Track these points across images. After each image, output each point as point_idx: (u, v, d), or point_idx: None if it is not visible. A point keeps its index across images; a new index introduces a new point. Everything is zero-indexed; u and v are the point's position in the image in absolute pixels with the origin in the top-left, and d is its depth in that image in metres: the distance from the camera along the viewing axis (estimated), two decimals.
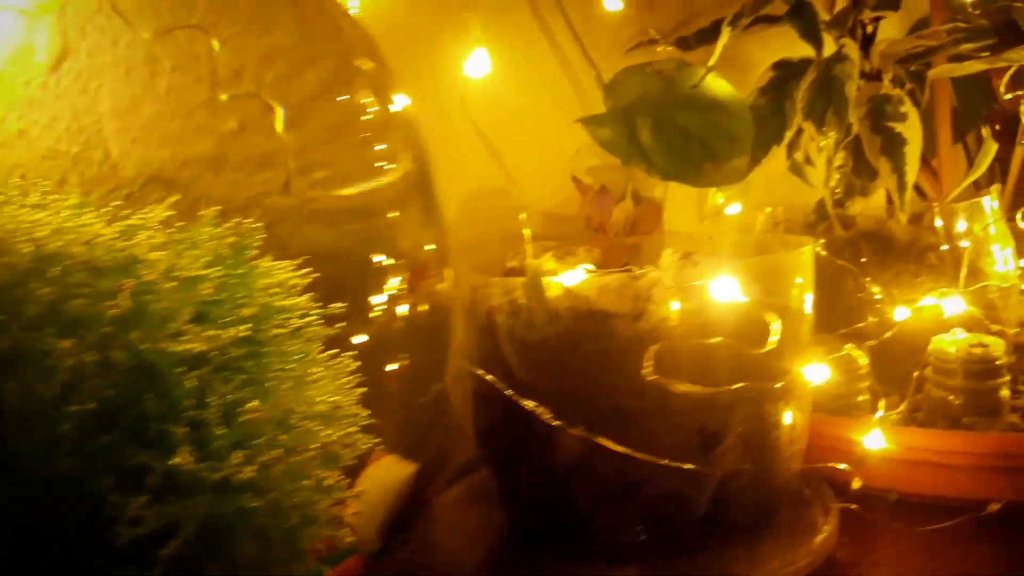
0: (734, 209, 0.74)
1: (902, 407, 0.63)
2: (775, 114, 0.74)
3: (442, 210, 0.55)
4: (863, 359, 0.66)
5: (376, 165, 0.42)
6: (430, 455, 0.46)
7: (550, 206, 0.77)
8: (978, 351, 0.60)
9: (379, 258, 0.43)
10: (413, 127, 0.51)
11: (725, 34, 0.68)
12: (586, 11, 0.77)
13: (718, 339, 0.45)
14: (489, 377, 0.49)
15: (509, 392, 0.48)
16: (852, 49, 0.71)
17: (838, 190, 0.73)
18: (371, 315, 0.41)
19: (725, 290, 0.46)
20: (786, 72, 0.76)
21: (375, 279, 0.42)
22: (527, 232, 0.55)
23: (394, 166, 0.44)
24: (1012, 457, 0.54)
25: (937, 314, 0.65)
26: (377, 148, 0.43)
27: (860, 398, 0.66)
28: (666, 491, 0.49)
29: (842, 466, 0.51)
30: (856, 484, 0.51)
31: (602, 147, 0.65)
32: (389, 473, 0.42)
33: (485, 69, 0.52)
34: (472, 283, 0.52)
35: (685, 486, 0.49)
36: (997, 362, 0.61)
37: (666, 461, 0.47)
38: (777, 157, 0.79)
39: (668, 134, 0.66)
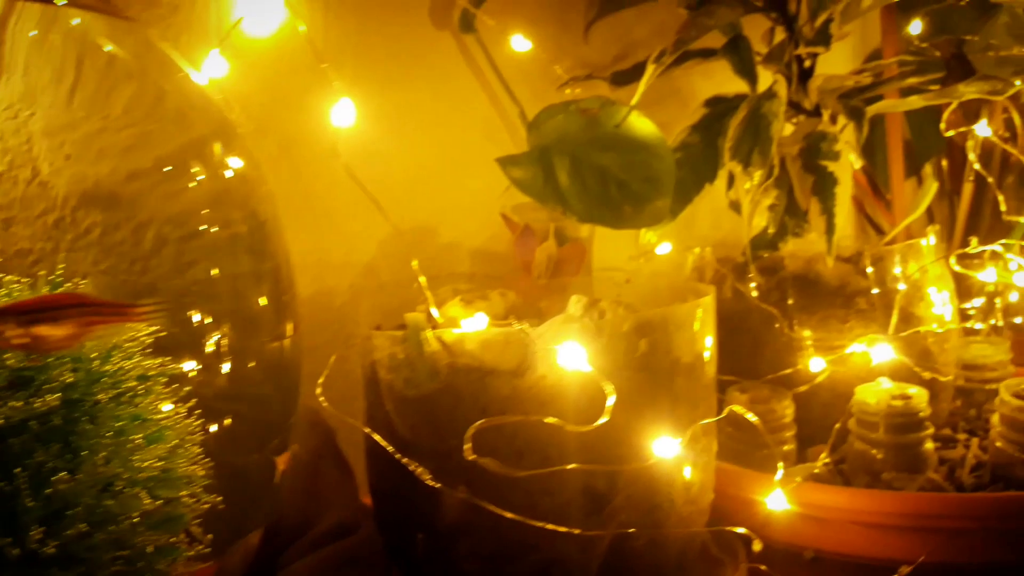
0: (664, 248, 0.72)
1: (822, 458, 0.60)
2: (708, 152, 0.73)
3: (287, 264, 0.52)
4: (788, 408, 0.64)
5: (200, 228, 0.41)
6: (279, 516, 0.44)
7: (482, 242, 0.76)
8: (899, 404, 0.58)
9: (197, 316, 0.41)
10: (250, 189, 0.49)
11: (649, 73, 0.66)
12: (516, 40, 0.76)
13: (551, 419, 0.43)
14: (374, 434, 0.47)
15: (391, 449, 0.46)
16: (781, 86, 0.69)
17: (771, 229, 0.71)
18: (190, 374, 0.40)
19: (570, 357, 0.43)
20: (719, 108, 0.74)
21: (194, 337, 0.40)
22: (422, 280, 0.53)
23: (216, 228, 0.42)
24: (924, 517, 0.52)
25: (867, 361, 0.63)
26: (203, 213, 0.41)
27: (786, 447, 0.64)
28: (554, 555, 0.47)
29: (740, 530, 0.49)
30: (757, 547, 0.49)
31: (517, 188, 0.63)
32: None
33: (351, 119, 0.50)
34: (361, 334, 0.51)
35: (573, 550, 0.47)
36: (920, 415, 0.58)
37: (551, 525, 0.45)
38: (721, 194, 0.77)
39: (586, 175, 0.65)
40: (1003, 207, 0.77)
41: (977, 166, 0.78)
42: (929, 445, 0.59)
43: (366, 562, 0.45)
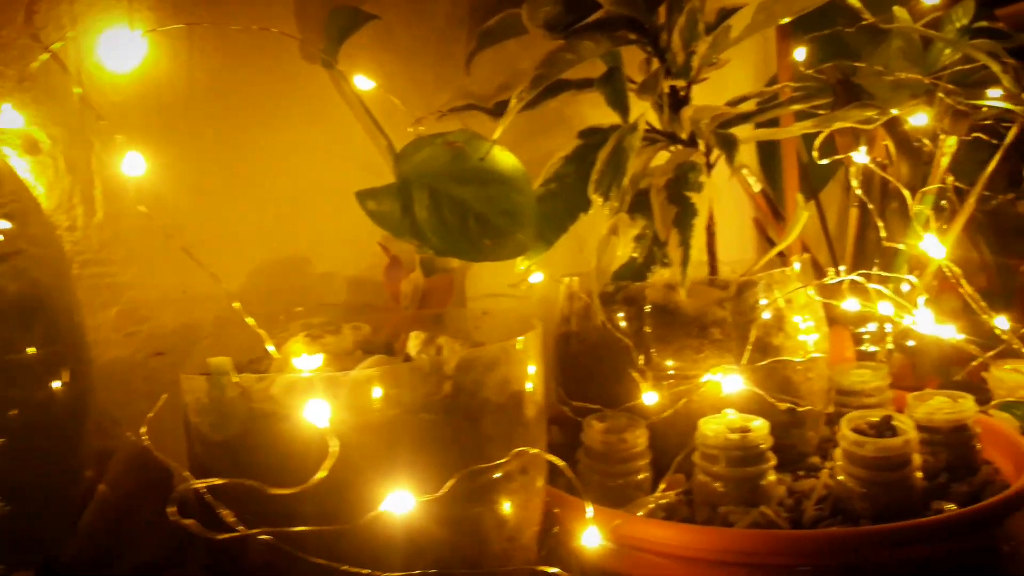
0: (536, 278, 0.73)
1: (661, 487, 0.61)
2: (580, 183, 0.73)
3: (69, 316, 0.53)
4: (641, 437, 0.64)
5: None
6: (73, 553, 0.45)
7: (361, 271, 0.76)
8: (735, 437, 0.58)
9: None
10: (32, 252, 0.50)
11: (511, 108, 0.67)
12: (395, 74, 0.77)
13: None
14: (186, 474, 0.48)
15: (203, 491, 0.47)
16: (644, 119, 0.69)
17: (639, 259, 0.72)
18: None
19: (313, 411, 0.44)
20: (593, 140, 0.75)
21: None
22: (251, 321, 0.54)
23: None
24: (747, 554, 0.52)
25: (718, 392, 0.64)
26: None
27: (640, 476, 0.65)
28: None
29: (553, 570, 0.50)
30: None
31: (373, 221, 0.64)
32: None
33: (140, 169, 0.51)
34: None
35: None
36: (760, 447, 0.59)
37: (355, 569, 0.46)
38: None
39: (444, 208, 0.65)
40: (883, 233, 0.77)
41: (859, 192, 0.78)
42: (771, 477, 0.60)
43: None
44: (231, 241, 0.69)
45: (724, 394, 0.63)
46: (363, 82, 0.65)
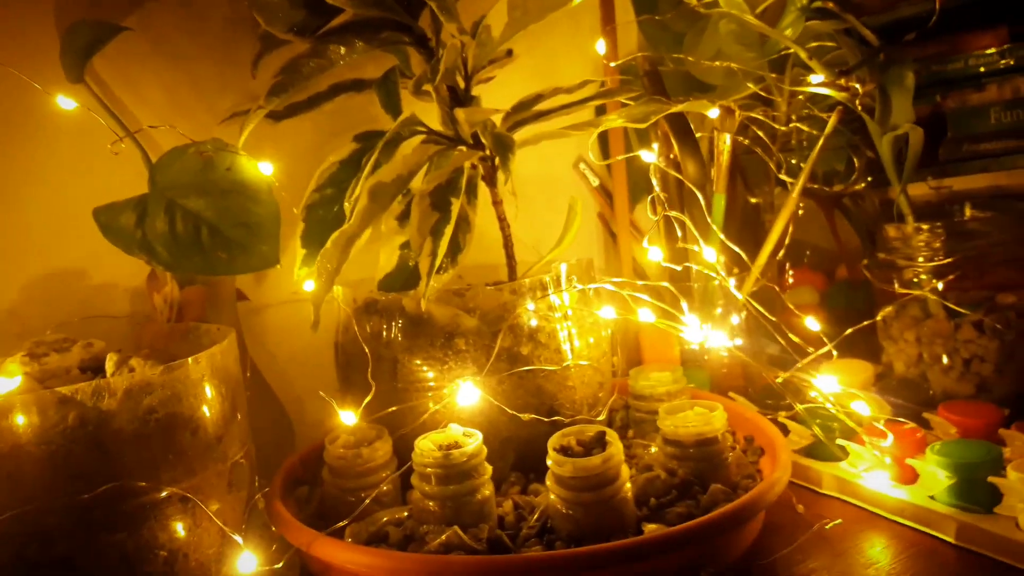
0: (308, 286, 0.72)
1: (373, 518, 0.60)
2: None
3: None
4: (380, 451, 0.63)
5: None
6: None
7: (141, 283, 0.76)
8: (439, 454, 0.57)
9: None
10: None
11: (252, 118, 0.66)
12: (176, 81, 0.76)
13: None
14: None
15: None
16: (400, 124, 0.67)
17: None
18: None
19: None
20: (367, 144, 0.73)
21: None
22: None
23: None
24: None
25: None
26: None
27: (384, 489, 0.63)
28: None
29: None
30: None
31: (103, 235, 0.64)
32: None
33: None
34: None
35: None
36: (470, 463, 0.57)
37: None
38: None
39: (178, 221, 0.65)
40: (678, 232, 0.74)
41: (657, 190, 0.75)
42: (486, 493, 0.58)
43: None
44: (2, 253, 0.70)
45: (459, 406, 0.62)
46: (66, 102, 0.64)
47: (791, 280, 0.94)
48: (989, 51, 0.89)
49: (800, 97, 0.84)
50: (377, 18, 0.69)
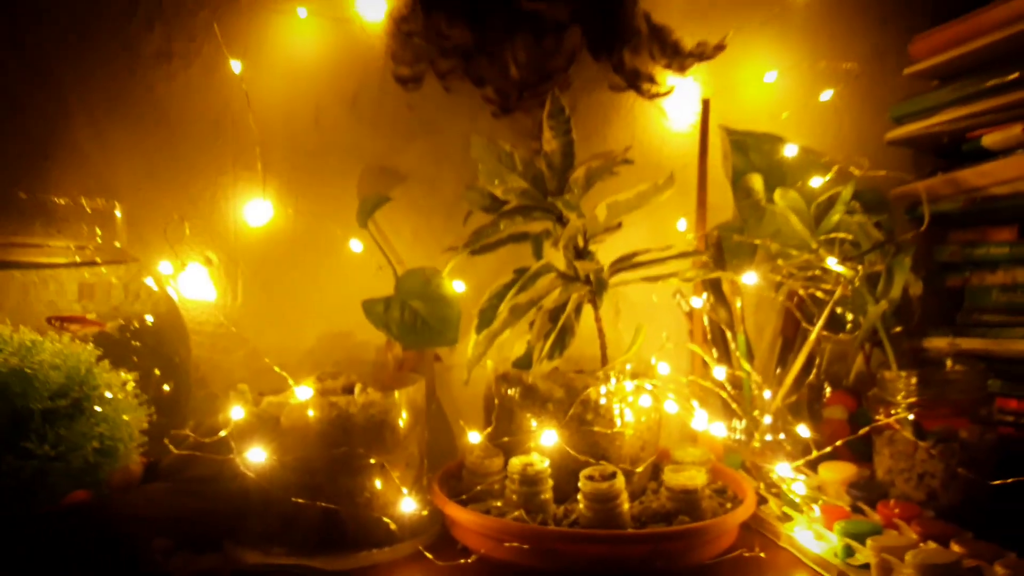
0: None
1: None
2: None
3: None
4: (497, 462, 1.06)
5: None
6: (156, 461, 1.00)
7: (382, 342, 1.25)
8: (519, 466, 0.99)
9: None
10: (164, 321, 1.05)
11: (458, 255, 1.12)
12: (419, 225, 1.26)
13: None
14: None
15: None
16: (541, 265, 1.11)
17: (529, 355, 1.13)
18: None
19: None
20: (519, 275, 1.17)
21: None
22: (277, 368, 1.05)
23: None
24: (505, 534, 0.93)
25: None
26: None
27: (496, 486, 1.06)
28: None
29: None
30: None
31: (368, 319, 1.13)
32: None
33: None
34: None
35: None
36: (540, 475, 0.99)
37: None
38: None
39: (406, 315, 1.13)
40: (709, 362, 1.11)
41: (707, 324, 1.12)
42: (547, 496, 0.98)
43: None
44: (294, 324, 1.23)
45: (542, 444, 1.03)
46: (356, 244, 1.15)
47: (827, 397, 1.25)
48: (1003, 243, 1.17)
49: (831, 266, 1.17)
50: (532, 204, 1.13)
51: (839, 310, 1.22)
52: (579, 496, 0.97)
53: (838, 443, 1.07)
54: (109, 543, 0.88)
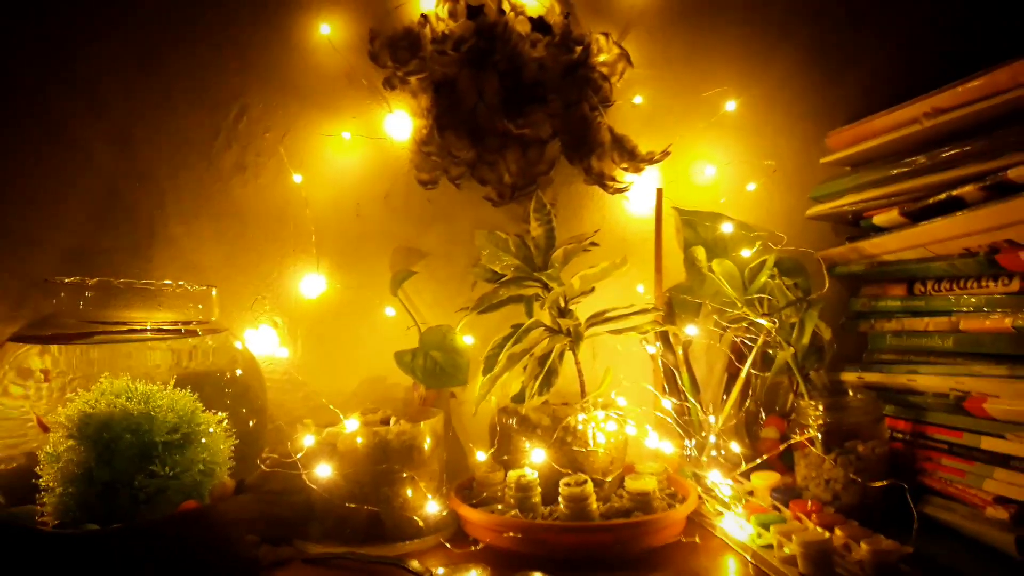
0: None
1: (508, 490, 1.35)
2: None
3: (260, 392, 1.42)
4: (500, 475, 1.39)
5: None
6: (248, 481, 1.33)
7: (409, 384, 1.58)
8: (515, 476, 1.31)
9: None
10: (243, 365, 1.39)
11: (465, 317, 1.46)
12: (437, 292, 1.60)
13: None
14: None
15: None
16: (531, 321, 1.44)
17: (520, 391, 1.46)
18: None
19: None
20: (515, 330, 1.50)
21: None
22: (331, 406, 1.39)
23: None
24: (503, 527, 1.26)
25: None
26: None
27: (499, 493, 1.38)
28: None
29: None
30: None
31: (398, 366, 1.47)
32: None
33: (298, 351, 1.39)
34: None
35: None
36: (531, 483, 1.31)
37: None
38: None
39: (428, 362, 1.47)
40: (661, 395, 1.43)
41: (660, 366, 1.45)
42: (536, 499, 1.31)
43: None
44: (342, 371, 1.56)
45: (533, 460, 1.36)
46: (389, 310, 1.50)
47: (763, 421, 1.56)
48: (896, 298, 1.49)
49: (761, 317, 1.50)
50: (523, 276, 1.47)
51: (771, 351, 1.54)
52: (560, 498, 1.29)
53: (765, 456, 1.39)
54: (213, 539, 1.21)
